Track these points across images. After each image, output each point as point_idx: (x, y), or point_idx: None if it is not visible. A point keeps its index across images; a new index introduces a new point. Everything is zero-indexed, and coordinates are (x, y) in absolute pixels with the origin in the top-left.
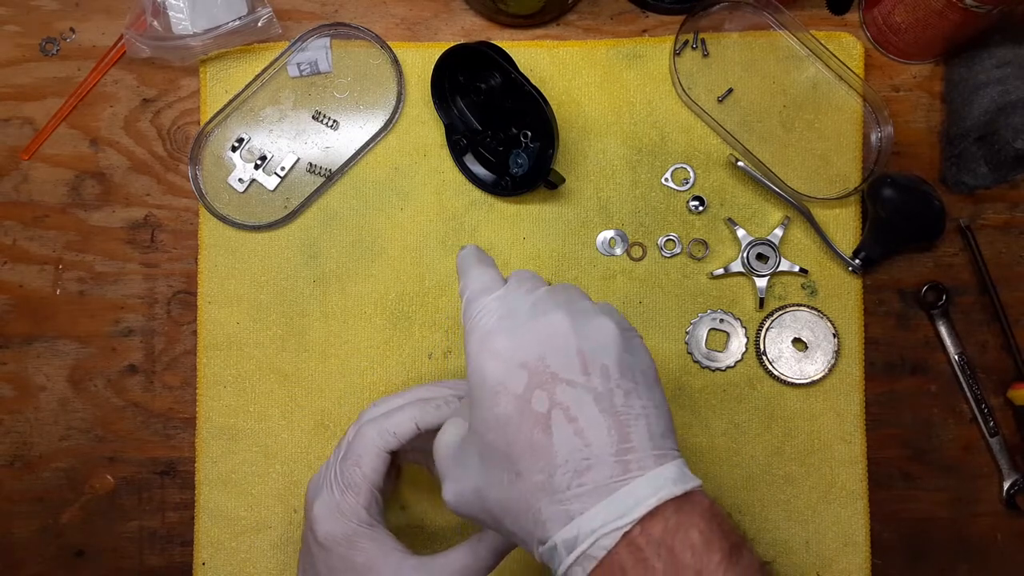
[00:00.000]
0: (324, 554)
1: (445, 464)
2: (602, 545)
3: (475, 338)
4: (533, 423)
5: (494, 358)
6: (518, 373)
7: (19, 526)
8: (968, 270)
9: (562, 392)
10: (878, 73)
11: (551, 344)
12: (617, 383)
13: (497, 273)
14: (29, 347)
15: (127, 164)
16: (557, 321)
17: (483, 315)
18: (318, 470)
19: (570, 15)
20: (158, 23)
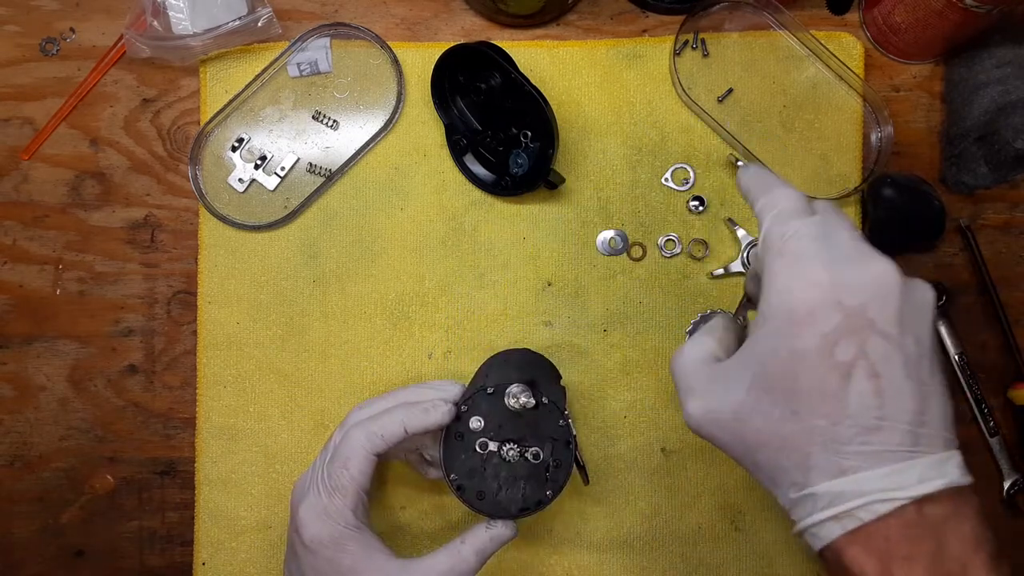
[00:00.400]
0: (310, 556)
1: (693, 378)
2: (874, 510)
3: (787, 260)
4: (832, 367)
5: (812, 288)
6: (833, 311)
7: (19, 526)
8: (968, 270)
9: (874, 345)
10: (878, 73)
11: (876, 292)
12: (928, 352)
13: (803, 195)
14: (29, 347)
15: (127, 164)
16: (887, 271)
17: (799, 239)
18: (303, 474)
19: (570, 15)
20: (158, 23)
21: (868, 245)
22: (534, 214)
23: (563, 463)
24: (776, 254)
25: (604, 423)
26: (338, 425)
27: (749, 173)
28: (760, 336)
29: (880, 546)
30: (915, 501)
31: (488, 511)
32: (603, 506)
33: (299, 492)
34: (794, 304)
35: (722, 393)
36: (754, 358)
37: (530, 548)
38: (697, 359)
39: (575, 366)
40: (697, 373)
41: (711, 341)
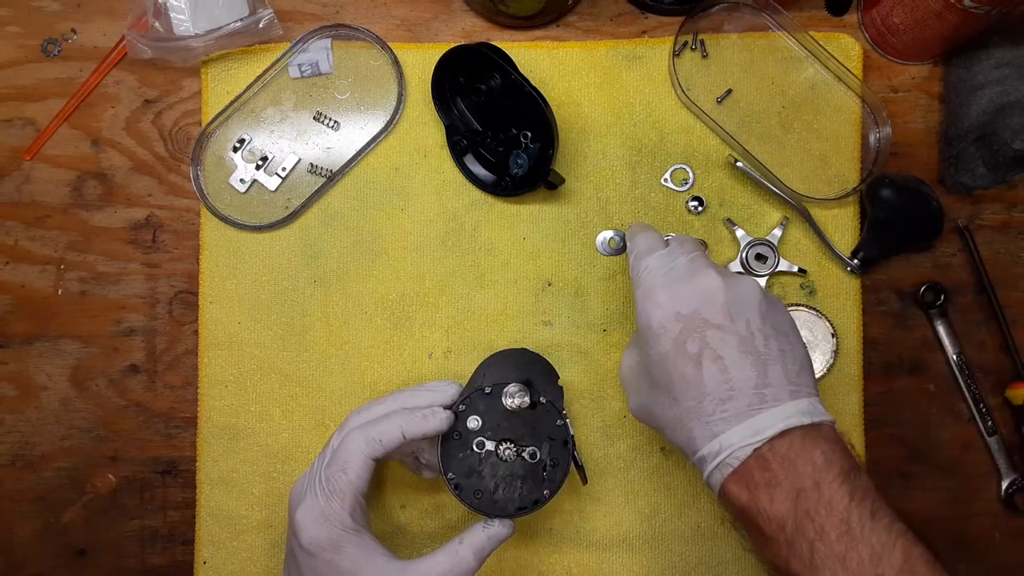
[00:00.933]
0: (309, 560)
1: (627, 382)
2: (736, 456)
3: (641, 291)
4: (686, 361)
5: (657, 308)
6: (675, 321)
7: (21, 525)
8: (966, 270)
9: (711, 336)
10: (876, 74)
11: (704, 297)
12: (758, 329)
13: (659, 237)
14: (31, 347)
15: (129, 164)
16: (710, 278)
17: (648, 272)
18: (300, 477)
19: (570, 16)
20: (160, 24)
21: (703, 262)
22: (534, 214)
23: (561, 462)
24: (636, 287)
25: (604, 423)
26: (337, 428)
27: (631, 227)
28: (641, 349)
29: (747, 481)
30: (766, 442)
31: (486, 510)
32: (603, 505)
33: (296, 495)
34: (651, 322)
35: (637, 392)
36: (643, 366)
37: (530, 547)
38: (629, 366)
39: (575, 366)
40: (628, 378)
41: (635, 351)
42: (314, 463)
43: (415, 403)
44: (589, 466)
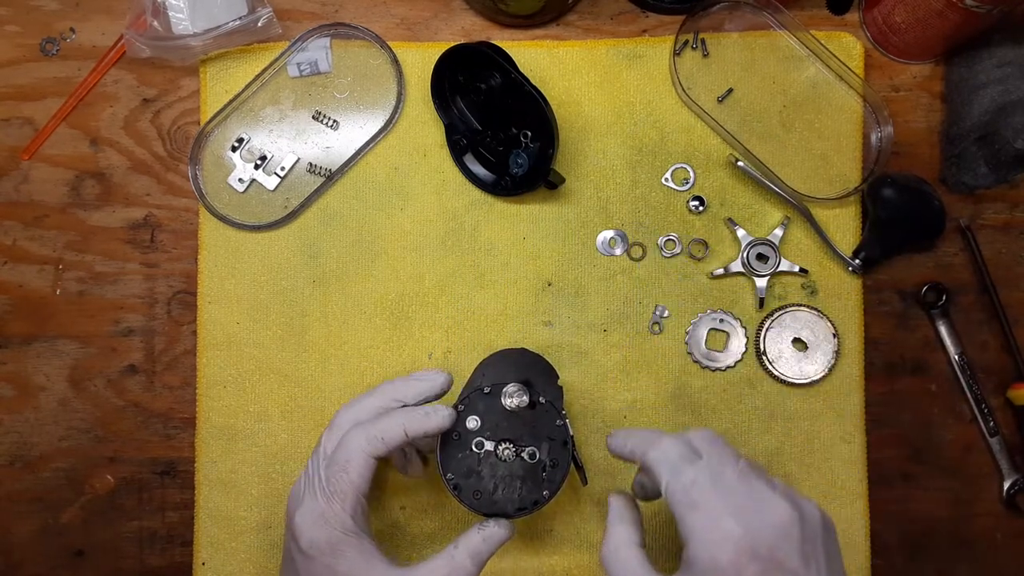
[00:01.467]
0: (307, 563)
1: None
2: None
3: (699, 514)
4: None
5: (727, 542)
6: (750, 561)
7: (19, 526)
8: (968, 270)
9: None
10: (878, 73)
11: (779, 533)
12: (826, 572)
13: (686, 442)
14: (29, 347)
15: (127, 164)
16: (783, 511)
17: (700, 489)
18: (296, 480)
19: (570, 15)
20: (158, 23)
21: (757, 479)
22: (534, 214)
23: (560, 463)
24: (687, 508)
25: (604, 423)
26: (327, 426)
27: (622, 435)
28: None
29: None
30: None
31: (485, 511)
32: (602, 506)
33: (295, 498)
34: (718, 558)
35: None
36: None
37: (530, 548)
38: (631, 558)
39: (575, 366)
40: (636, 573)
41: (629, 529)
42: (308, 464)
43: (407, 393)
44: (589, 467)
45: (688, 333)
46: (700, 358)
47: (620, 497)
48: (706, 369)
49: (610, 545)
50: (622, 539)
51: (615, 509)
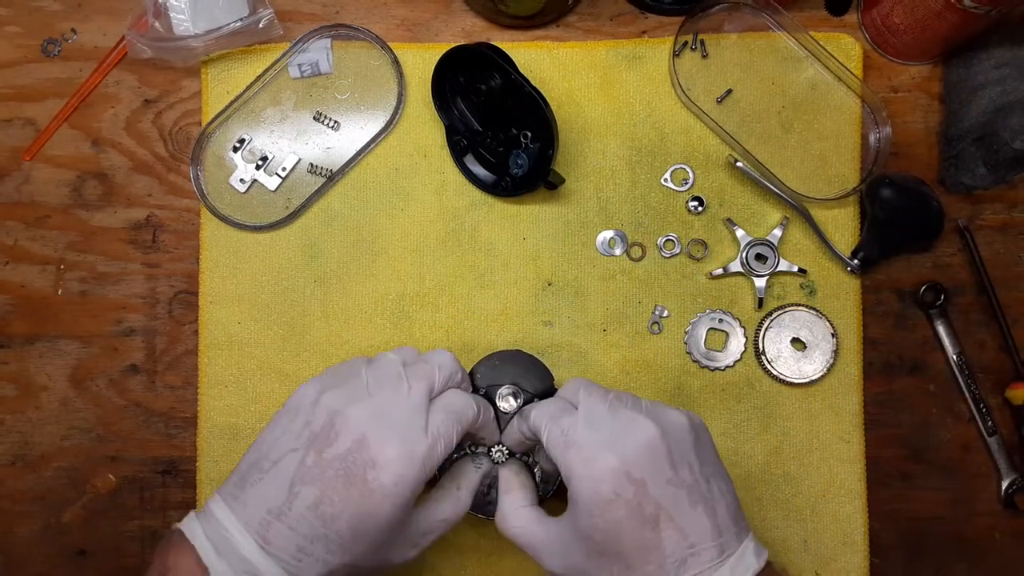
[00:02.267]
0: (378, 501)
1: (544, 550)
2: None
3: (577, 454)
4: (642, 524)
5: (607, 472)
6: (628, 484)
7: (21, 526)
8: (966, 270)
9: (662, 494)
10: (876, 74)
11: (649, 451)
12: (699, 472)
13: (563, 399)
14: (31, 347)
15: (129, 165)
16: (647, 427)
17: (575, 430)
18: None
19: (570, 16)
20: (160, 24)
21: (621, 405)
22: (534, 214)
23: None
24: (565, 449)
25: None
26: (308, 383)
27: (514, 422)
28: (580, 515)
29: None
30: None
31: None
32: None
33: (376, 411)
34: (599, 489)
35: (568, 556)
36: (580, 532)
37: None
38: (527, 519)
39: (575, 366)
40: (552, 545)
41: (517, 494)
42: (389, 365)
43: (415, 358)
44: None
45: (687, 333)
46: (699, 358)
47: (505, 469)
48: (705, 369)
49: (501, 512)
50: (511, 505)
51: (501, 482)
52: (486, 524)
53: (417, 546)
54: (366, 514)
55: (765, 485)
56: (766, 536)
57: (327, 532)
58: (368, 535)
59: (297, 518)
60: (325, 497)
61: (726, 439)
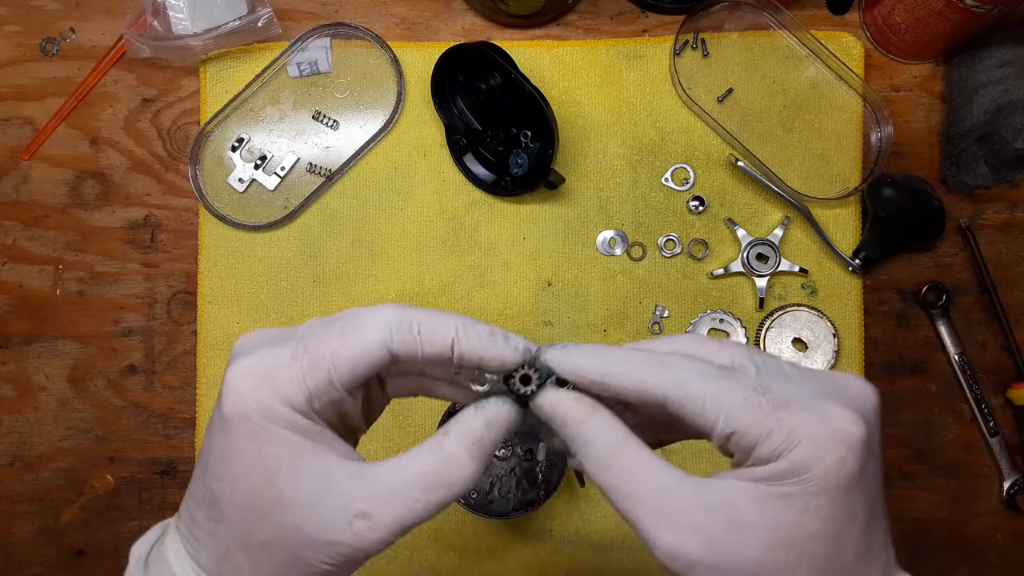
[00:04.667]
0: (223, 436)
1: (686, 519)
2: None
3: (805, 414)
4: (871, 521)
5: (855, 442)
6: (871, 462)
7: (20, 526)
8: (968, 270)
9: (876, 484)
10: (878, 73)
11: (877, 425)
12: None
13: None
14: (29, 347)
15: (127, 164)
16: (869, 393)
17: (770, 384)
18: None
19: (570, 15)
20: (158, 23)
21: (806, 366)
22: (534, 214)
23: (557, 464)
24: (772, 408)
25: None
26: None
27: (594, 365)
28: (792, 497)
29: None
30: None
31: (480, 510)
32: (603, 506)
33: (246, 345)
34: (845, 457)
35: (737, 546)
36: (779, 518)
37: (530, 548)
38: (671, 475)
39: None
40: (676, 495)
41: (615, 424)
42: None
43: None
44: None
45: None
46: None
47: (557, 396)
48: None
49: (598, 450)
50: (613, 437)
51: (573, 410)
52: (486, 525)
53: (370, 517)
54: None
55: None
56: None
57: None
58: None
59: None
60: None
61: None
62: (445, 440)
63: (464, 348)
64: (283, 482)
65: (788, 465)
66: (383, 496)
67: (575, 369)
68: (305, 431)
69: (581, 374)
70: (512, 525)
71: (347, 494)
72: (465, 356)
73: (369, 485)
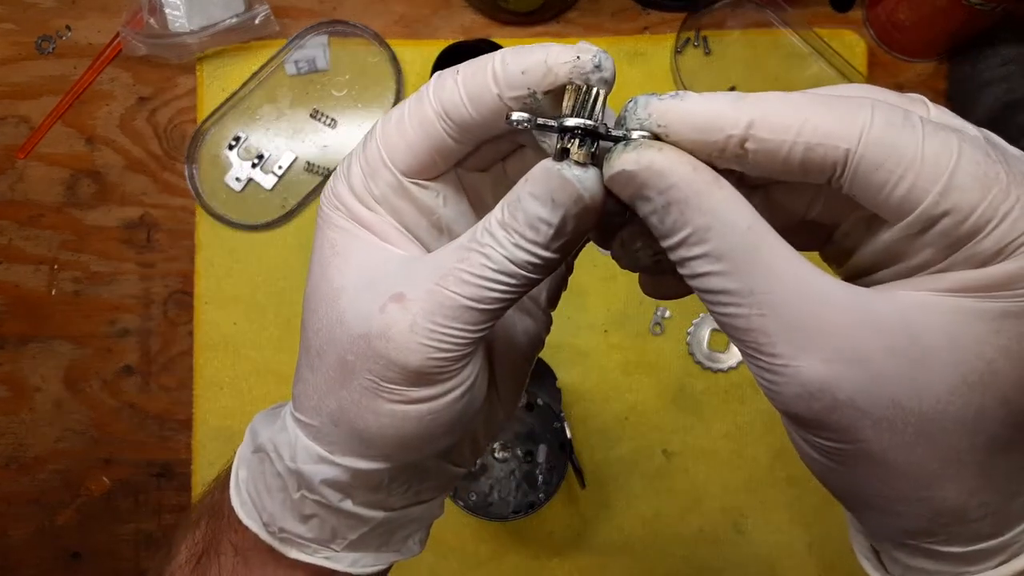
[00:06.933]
0: (322, 231)
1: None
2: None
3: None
4: None
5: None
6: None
7: (15, 528)
8: None
9: None
10: (882, 71)
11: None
12: None
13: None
14: (24, 348)
15: (123, 163)
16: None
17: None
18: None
19: (571, 12)
20: (154, 21)
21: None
22: None
23: (557, 466)
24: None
25: (604, 425)
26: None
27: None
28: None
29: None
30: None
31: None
32: (604, 509)
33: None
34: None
35: (908, 382)
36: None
37: (531, 550)
38: (823, 279)
39: (575, 367)
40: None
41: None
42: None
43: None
44: (589, 469)
45: (690, 334)
46: (702, 359)
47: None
48: (708, 370)
49: (727, 237)
50: (748, 220)
51: (687, 175)
52: (486, 527)
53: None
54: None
55: (769, 488)
56: (769, 539)
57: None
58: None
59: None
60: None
61: (729, 441)
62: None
63: (500, 65)
64: (334, 270)
65: (1020, 268)
66: (422, 272)
67: (703, 117)
68: (362, 218)
69: (713, 124)
70: (511, 528)
71: (391, 279)
72: (504, 78)
73: (413, 268)
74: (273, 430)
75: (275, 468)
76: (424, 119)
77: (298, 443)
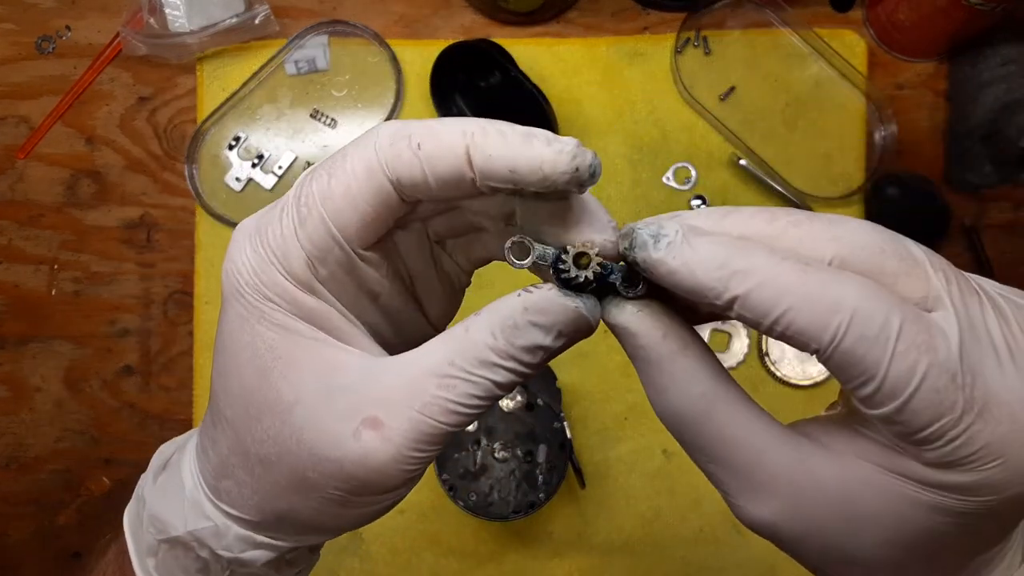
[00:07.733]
0: (220, 321)
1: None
2: None
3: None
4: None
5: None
6: None
7: (15, 528)
8: (972, 270)
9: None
10: (882, 71)
11: None
12: None
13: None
14: (24, 348)
15: (123, 163)
16: None
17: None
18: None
19: (570, 12)
20: (154, 21)
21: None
22: None
23: (557, 465)
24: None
25: (604, 425)
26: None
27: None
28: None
29: None
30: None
31: (480, 512)
32: (604, 509)
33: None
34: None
35: (839, 535)
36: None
37: (530, 551)
38: (773, 438)
39: (575, 367)
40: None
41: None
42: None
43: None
44: (589, 469)
45: None
46: None
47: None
48: None
49: (684, 402)
50: (707, 388)
51: (655, 341)
52: (486, 528)
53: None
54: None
55: None
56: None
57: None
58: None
59: None
60: None
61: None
62: (473, 321)
63: (482, 156)
64: (279, 378)
65: (971, 480)
66: (396, 395)
67: (689, 284)
68: (306, 311)
69: (698, 292)
70: (511, 528)
71: (354, 395)
72: (487, 169)
73: (379, 382)
74: (188, 517)
75: (195, 554)
76: (379, 189)
77: (231, 533)
